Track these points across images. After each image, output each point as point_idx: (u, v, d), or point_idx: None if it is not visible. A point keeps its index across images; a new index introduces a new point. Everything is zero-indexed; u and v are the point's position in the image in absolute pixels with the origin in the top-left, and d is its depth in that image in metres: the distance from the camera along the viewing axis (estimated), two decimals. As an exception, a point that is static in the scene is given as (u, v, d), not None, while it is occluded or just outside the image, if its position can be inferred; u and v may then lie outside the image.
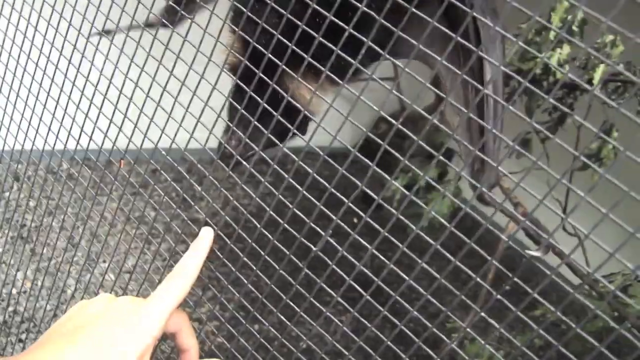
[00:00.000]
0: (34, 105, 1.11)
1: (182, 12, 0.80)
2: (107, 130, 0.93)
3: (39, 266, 1.60)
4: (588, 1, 0.50)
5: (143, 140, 0.86)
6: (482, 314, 0.56)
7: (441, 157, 0.58)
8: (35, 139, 1.14)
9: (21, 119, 1.17)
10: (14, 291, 1.77)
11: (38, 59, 1.07)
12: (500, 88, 0.70)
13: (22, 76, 1.12)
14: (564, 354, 0.51)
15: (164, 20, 0.88)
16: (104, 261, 2.17)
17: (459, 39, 0.52)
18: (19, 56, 1.11)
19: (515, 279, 0.56)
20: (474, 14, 0.57)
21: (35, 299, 1.41)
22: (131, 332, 0.52)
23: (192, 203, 0.84)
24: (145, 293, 0.66)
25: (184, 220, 0.85)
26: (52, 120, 1.07)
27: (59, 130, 1.06)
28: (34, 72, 1.08)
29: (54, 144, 1.08)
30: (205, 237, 0.64)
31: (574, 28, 1.24)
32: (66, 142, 1.05)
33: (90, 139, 0.97)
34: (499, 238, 0.59)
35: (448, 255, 0.58)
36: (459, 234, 0.59)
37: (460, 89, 0.74)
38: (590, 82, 1.27)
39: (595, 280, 1.31)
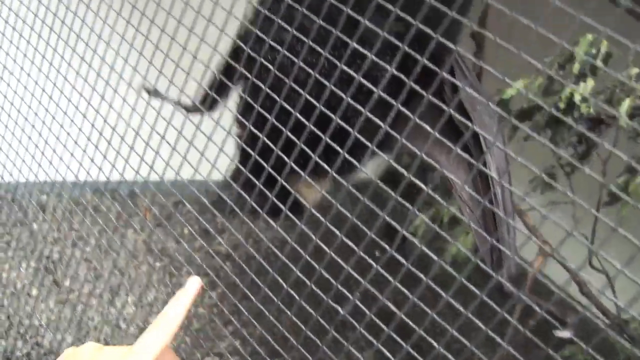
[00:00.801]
0: (57, 136, 1.13)
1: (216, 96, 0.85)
2: (125, 163, 0.94)
3: (62, 298, 1.61)
4: (612, 31, 0.49)
5: (164, 172, 0.87)
6: None
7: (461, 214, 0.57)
8: (57, 170, 1.16)
9: (43, 150, 1.19)
10: (37, 323, 1.78)
11: (66, 96, 1.09)
12: (506, 173, 0.72)
13: (47, 110, 1.15)
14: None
15: (199, 106, 0.93)
16: (126, 293, 2.18)
17: (459, 151, 0.55)
18: (41, 94, 1.14)
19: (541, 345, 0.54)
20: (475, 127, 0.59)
21: (58, 331, 1.42)
22: None
23: (198, 238, 0.84)
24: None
25: (206, 252, 0.85)
26: (72, 153, 1.09)
27: (81, 162, 1.08)
28: (56, 109, 1.11)
29: (77, 174, 1.10)
30: (190, 288, 0.65)
31: (598, 61, 1.23)
32: (87, 174, 1.06)
33: (109, 173, 0.98)
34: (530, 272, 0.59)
35: (475, 320, 0.57)
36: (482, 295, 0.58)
37: (468, 178, 0.76)
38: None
39: (625, 321, 1.27)
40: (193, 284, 0.65)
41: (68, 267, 1.34)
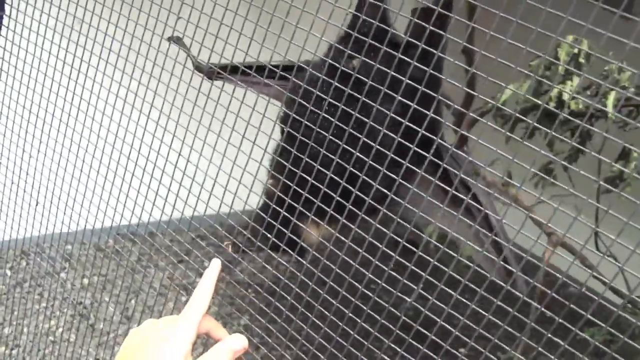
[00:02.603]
0: (77, 188, 1.20)
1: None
2: (144, 204, 1.00)
3: (98, 341, 1.66)
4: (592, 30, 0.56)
5: (184, 209, 0.94)
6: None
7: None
8: (79, 219, 1.23)
9: (66, 203, 1.25)
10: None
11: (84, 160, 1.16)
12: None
13: (65, 170, 1.22)
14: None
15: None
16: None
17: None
18: (59, 157, 1.21)
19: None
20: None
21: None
22: (173, 344, 0.71)
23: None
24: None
25: (228, 283, 0.92)
26: (90, 200, 1.15)
27: (97, 209, 1.15)
28: (74, 168, 1.17)
29: (94, 223, 1.16)
30: (214, 266, 0.82)
31: (581, 60, 1.29)
32: (103, 220, 1.12)
33: (130, 217, 1.05)
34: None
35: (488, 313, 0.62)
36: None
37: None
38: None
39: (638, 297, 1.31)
40: (216, 263, 0.82)
41: (99, 310, 1.40)
